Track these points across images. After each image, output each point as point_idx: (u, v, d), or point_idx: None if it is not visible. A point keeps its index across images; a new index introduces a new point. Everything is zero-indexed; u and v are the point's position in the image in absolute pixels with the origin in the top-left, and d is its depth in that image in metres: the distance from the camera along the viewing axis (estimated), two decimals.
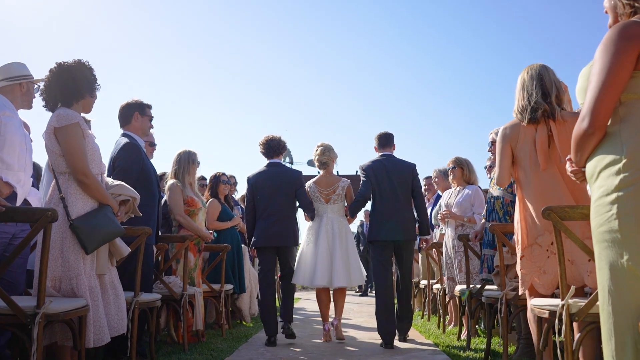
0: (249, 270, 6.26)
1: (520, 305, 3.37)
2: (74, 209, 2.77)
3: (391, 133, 5.02)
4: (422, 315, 6.82)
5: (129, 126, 4.01)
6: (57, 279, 2.70)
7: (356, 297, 11.61)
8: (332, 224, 4.89)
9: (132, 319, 3.28)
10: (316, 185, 5.04)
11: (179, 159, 4.84)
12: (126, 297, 3.27)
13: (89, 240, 2.73)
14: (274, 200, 4.82)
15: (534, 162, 2.84)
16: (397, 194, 4.73)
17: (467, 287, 4.27)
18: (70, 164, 2.78)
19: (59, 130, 2.79)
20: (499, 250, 3.44)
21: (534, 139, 2.85)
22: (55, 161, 2.83)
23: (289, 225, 4.85)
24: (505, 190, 4.01)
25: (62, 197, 2.77)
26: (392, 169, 4.79)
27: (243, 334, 5.21)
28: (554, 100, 2.85)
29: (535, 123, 2.85)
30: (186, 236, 4.33)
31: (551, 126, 2.82)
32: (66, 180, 2.81)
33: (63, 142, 2.78)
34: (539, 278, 2.77)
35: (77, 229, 2.70)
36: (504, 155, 2.95)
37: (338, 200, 4.98)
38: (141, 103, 4.08)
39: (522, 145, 2.89)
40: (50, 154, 2.85)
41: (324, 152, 5.07)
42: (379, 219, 4.73)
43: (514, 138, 2.92)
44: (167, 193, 4.77)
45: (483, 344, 4.38)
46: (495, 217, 4.06)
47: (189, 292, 4.32)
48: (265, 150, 5.03)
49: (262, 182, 4.89)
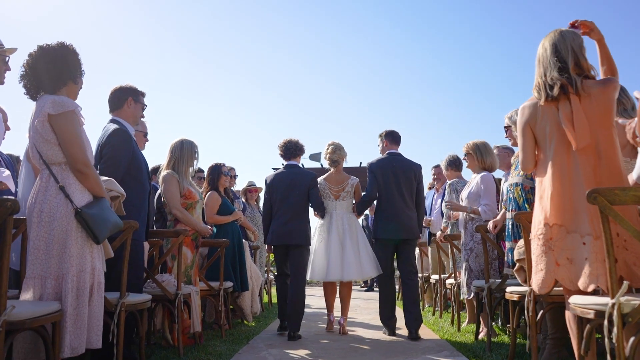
0: (250, 266, 5.92)
1: (549, 303, 3.03)
2: (74, 200, 2.56)
3: (398, 132, 5.17)
4: (434, 312, 6.47)
5: (120, 112, 3.70)
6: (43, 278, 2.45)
7: (362, 293, 11.40)
8: (342, 220, 5.06)
9: (118, 322, 2.94)
10: (326, 182, 5.21)
11: (178, 148, 4.48)
12: (111, 299, 2.96)
13: (98, 228, 2.58)
14: (288, 200, 4.99)
15: (554, 142, 2.49)
16: (402, 193, 4.88)
17: (487, 282, 3.93)
18: (69, 153, 2.59)
19: (55, 117, 2.57)
20: (524, 241, 3.09)
21: (554, 118, 2.49)
22: (49, 151, 2.59)
23: (300, 224, 4.97)
24: (524, 176, 3.66)
25: (61, 186, 2.56)
26: (399, 168, 4.93)
27: (244, 335, 4.88)
28: (572, 71, 2.48)
29: (554, 101, 2.49)
30: (180, 231, 3.99)
31: (573, 101, 2.46)
32: (62, 171, 2.61)
33: (60, 131, 2.58)
34: (536, 274, 2.49)
35: (85, 217, 2.54)
36: (525, 138, 2.62)
37: (347, 197, 5.14)
38: (135, 89, 3.78)
39: (541, 125, 2.55)
40: (43, 143, 2.59)
41: (334, 151, 5.23)
42: (383, 217, 4.92)
43: (533, 118, 2.58)
44: (161, 185, 4.42)
45: (504, 344, 4.04)
46: (514, 206, 3.71)
47: (184, 291, 3.98)
48: (283, 152, 5.24)
49: (277, 183, 5.08)
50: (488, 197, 4.53)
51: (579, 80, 2.46)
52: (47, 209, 2.51)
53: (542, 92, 2.53)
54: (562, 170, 2.46)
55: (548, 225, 2.44)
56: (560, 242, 2.41)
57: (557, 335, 3.42)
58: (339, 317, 5.06)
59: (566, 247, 2.38)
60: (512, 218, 3.71)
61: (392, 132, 5.13)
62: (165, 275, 4.18)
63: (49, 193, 2.54)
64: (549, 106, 2.51)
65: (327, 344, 4.50)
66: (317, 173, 5.38)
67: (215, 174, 5.54)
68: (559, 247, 2.41)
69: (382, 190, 4.93)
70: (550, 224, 2.43)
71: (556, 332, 3.42)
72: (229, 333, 4.96)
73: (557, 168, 2.47)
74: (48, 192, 2.55)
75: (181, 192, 4.39)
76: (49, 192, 2.55)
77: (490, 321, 3.91)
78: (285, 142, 5.25)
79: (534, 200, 3.62)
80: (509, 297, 3.36)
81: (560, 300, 3.00)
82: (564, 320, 3.52)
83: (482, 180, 4.63)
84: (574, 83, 2.45)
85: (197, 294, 4.32)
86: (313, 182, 5.08)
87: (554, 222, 2.44)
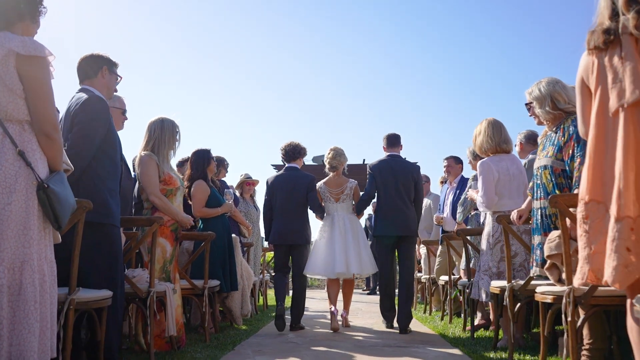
0: (240, 264, 5.37)
1: (593, 305, 2.48)
2: (37, 171, 2.07)
3: (398, 134, 5.37)
4: (442, 317, 5.90)
5: (93, 81, 3.21)
6: None
7: (364, 296, 10.86)
8: (344, 220, 5.27)
9: (65, 324, 2.41)
10: (326, 186, 5.41)
11: (158, 127, 3.92)
12: (59, 295, 2.42)
13: (63, 210, 2.13)
14: (288, 201, 5.21)
15: (598, 98, 1.90)
16: (400, 193, 5.10)
17: (508, 282, 3.38)
18: (38, 110, 2.10)
19: (24, 60, 2.06)
20: (562, 230, 2.53)
21: (600, 67, 1.91)
22: (9, 104, 2.06)
23: (300, 224, 5.22)
24: (554, 157, 3.10)
25: (20, 151, 2.04)
26: (397, 169, 5.15)
27: (231, 339, 4.33)
28: (624, 7, 1.86)
29: (602, 49, 1.90)
30: (154, 218, 3.45)
31: (624, 43, 1.84)
32: (22, 132, 2.10)
33: (30, 79, 2.08)
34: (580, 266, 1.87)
35: (51, 195, 2.07)
36: (580, 95, 2.04)
37: (347, 199, 5.36)
38: (110, 58, 3.30)
39: (590, 78, 1.98)
40: (3, 91, 2.05)
41: (334, 157, 5.42)
42: (383, 216, 5.15)
43: (585, 70, 2.01)
44: (138, 167, 3.88)
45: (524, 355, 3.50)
46: (542, 193, 3.16)
47: (158, 289, 3.45)
48: (285, 155, 5.44)
49: (278, 185, 5.29)
50: (481, 185, 4.00)
51: (635, 14, 1.84)
52: (1, 178, 2.00)
53: (591, 42, 1.97)
54: (605, 134, 1.86)
55: (584, 202, 1.85)
56: (598, 222, 1.82)
57: (596, 345, 2.86)
58: (342, 311, 5.33)
59: (604, 230, 1.79)
60: (541, 207, 3.15)
61: (390, 136, 5.35)
62: (138, 270, 3.65)
63: (4, 158, 2.02)
64: (598, 54, 1.94)
65: (321, 352, 3.95)
66: (321, 170, 5.64)
67: (203, 160, 4.99)
68: (595, 229, 1.83)
69: (380, 190, 5.15)
70: (587, 200, 1.85)
71: (594, 341, 2.87)
72: (215, 337, 4.41)
73: (598, 131, 1.89)
74: (3, 157, 2.02)
75: (160, 177, 3.86)
76: (4, 157, 2.02)
77: (514, 328, 3.35)
78: (286, 145, 5.43)
79: (566, 186, 3.08)
80: (541, 298, 2.79)
81: (607, 303, 2.45)
82: (604, 328, 2.98)
83: (478, 168, 4.11)
84: (626, 26, 1.85)
85: (176, 293, 3.78)
86: (311, 184, 5.28)
87: (590, 198, 1.85)
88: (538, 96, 3.23)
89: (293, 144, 5.42)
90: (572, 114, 3.11)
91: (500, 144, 4.08)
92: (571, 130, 3.02)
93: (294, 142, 5.44)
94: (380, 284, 5.32)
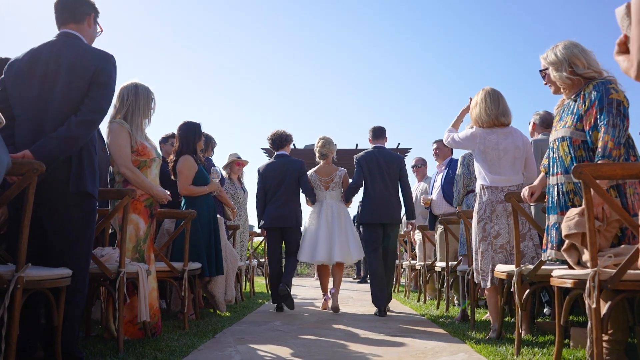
0: (225, 246, 5.02)
1: (619, 291, 2.17)
2: None
3: (383, 127, 5.59)
4: (438, 305, 5.61)
5: (80, 27, 2.78)
6: None
7: (355, 284, 10.59)
8: (332, 208, 5.49)
9: (11, 305, 2.06)
10: (317, 174, 5.62)
11: (132, 92, 3.48)
12: (4, 273, 2.08)
13: None
14: (280, 187, 5.46)
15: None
16: (386, 182, 5.33)
17: (516, 267, 3.07)
18: None
19: None
20: (586, 205, 2.21)
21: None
22: None
23: (292, 208, 5.47)
24: (574, 126, 2.77)
25: None
26: (382, 159, 5.38)
27: (212, 327, 4.00)
28: None
29: None
30: (125, 191, 3.08)
31: None
32: None
33: None
34: None
35: None
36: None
37: (336, 187, 5.58)
38: (96, 6, 2.88)
39: None
40: None
41: (324, 145, 5.64)
42: (369, 203, 5.34)
43: None
44: (108, 136, 3.50)
45: (537, 348, 3.20)
46: (560, 168, 2.83)
47: (129, 269, 3.10)
48: (272, 143, 5.67)
49: (270, 172, 5.55)
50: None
51: None
52: None
53: None
54: None
55: None
56: None
57: (616, 337, 2.57)
58: (331, 288, 5.47)
59: None
60: (558, 184, 2.83)
61: (375, 129, 5.55)
62: (107, 249, 3.30)
63: None
64: None
65: (309, 340, 3.64)
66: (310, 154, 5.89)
67: (194, 133, 4.61)
68: None
69: (367, 179, 5.37)
70: None
71: (615, 332, 2.57)
72: (195, 324, 4.08)
73: None
74: None
75: (133, 147, 3.48)
76: None
77: (522, 317, 3.04)
78: (273, 134, 5.63)
79: (587, 158, 2.76)
80: (558, 283, 2.47)
81: (637, 289, 2.15)
82: (625, 317, 2.68)
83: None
84: None
85: (150, 275, 3.43)
86: (302, 169, 5.52)
87: None
88: (554, 60, 2.89)
89: (278, 133, 5.63)
90: (592, 80, 2.79)
91: (499, 116, 3.76)
92: (593, 96, 2.69)
93: (279, 131, 5.65)
94: (370, 273, 5.40)
